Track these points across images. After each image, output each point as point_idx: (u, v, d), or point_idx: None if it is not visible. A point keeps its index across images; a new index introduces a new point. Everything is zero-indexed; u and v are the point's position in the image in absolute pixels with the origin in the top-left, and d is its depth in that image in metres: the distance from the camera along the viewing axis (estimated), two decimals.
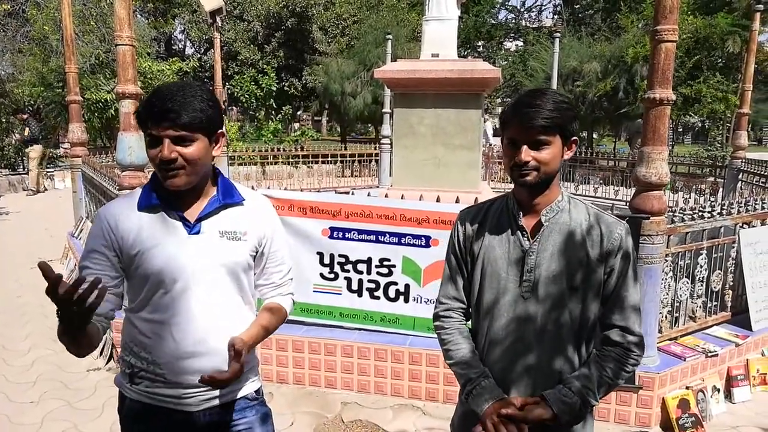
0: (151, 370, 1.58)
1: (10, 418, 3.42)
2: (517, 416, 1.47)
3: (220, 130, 1.58)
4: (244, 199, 1.66)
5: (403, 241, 3.69)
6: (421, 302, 3.72)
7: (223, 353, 1.54)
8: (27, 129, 12.57)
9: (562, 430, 1.54)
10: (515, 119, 1.49)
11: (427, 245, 3.66)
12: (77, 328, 1.39)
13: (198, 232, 1.57)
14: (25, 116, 13.04)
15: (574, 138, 1.55)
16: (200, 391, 1.59)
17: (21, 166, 13.86)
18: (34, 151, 12.41)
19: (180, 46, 32.66)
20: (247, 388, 1.71)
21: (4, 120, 14.46)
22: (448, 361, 1.67)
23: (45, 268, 1.27)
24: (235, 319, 1.63)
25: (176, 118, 1.45)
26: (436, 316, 1.73)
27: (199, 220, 1.57)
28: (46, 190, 13.05)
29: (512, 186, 1.63)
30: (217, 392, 1.61)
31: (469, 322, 1.72)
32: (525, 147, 1.47)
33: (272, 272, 1.74)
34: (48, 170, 14.30)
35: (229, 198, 1.63)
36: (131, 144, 3.91)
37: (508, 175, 1.59)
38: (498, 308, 1.58)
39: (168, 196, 1.57)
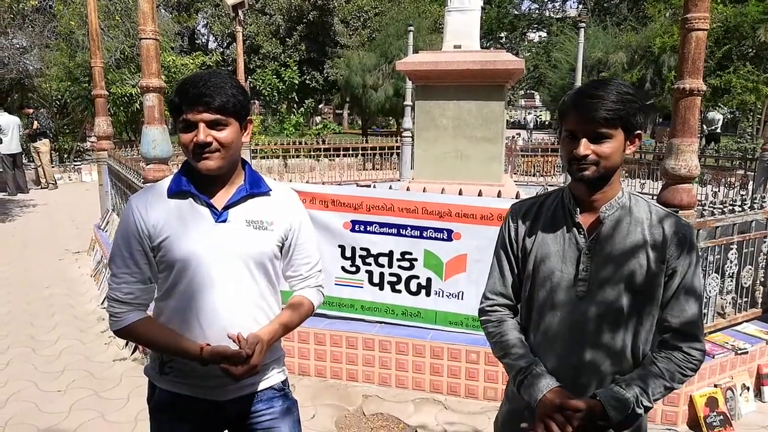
0: (180, 360, 1.59)
1: (38, 407, 3.49)
2: (569, 406, 1.42)
3: (249, 117, 1.61)
4: (271, 190, 1.67)
5: (424, 235, 3.67)
6: (442, 296, 3.70)
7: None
8: (36, 122, 12.41)
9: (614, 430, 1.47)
10: (575, 110, 1.42)
11: (449, 239, 3.63)
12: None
13: (225, 220, 1.58)
14: (30, 111, 12.91)
15: (638, 132, 1.47)
16: (228, 381, 1.58)
17: (28, 159, 13.44)
18: (45, 145, 12.31)
19: (203, 40, 32.96)
20: (274, 379, 1.73)
21: (47, 110, 14.72)
22: (496, 354, 1.63)
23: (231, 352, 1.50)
24: (261, 308, 1.64)
25: (211, 102, 1.48)
26: (482, 311, 1.68)
27: (227, 208, 1.58)
28: (57, 185, 12.86)
29: (537, 179, 1.58)
30: (244, 382, 1.62)
31: (518, 317, 1.67)
32: (584, 140, 1.40)
33: (300, 264, 1.74)
34: (75, 163, 14.57)
35: (257, 188, 1.64)
36: (155, 137, 3.95)
37: (566, 168, 1.53)
38: (551, 307, 1.52)
39: (197, 183, 1.58)
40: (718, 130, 16.35)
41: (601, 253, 1.47)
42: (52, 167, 13.10)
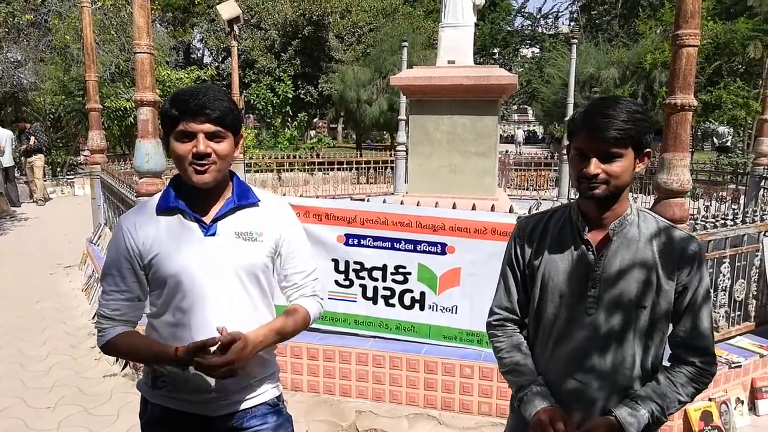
0: (173, 374, 1.58)
1: (26, 424, 3.44)
2: (560, 426, 1.42)
3: (240, 132, 1.62)
4: (259, 200, 1.66)
5: (418, 248, 3.66)
6: (436, 310, 3.69)
7: None
8: (33, 138, 12.28)
9: None
10: (585, 129, 1.41)
11: (443, 252, 3.62)
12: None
13: (214, 234, 1.58)
14: (27, 125, 12.79)
15: (648, 150, 1.47)
16: (221, 396, 1.59)
17: (20, 173, 13.42)
18: (39, 160, 12.27)
19: (198, 55, 33.06)
20: (268, 395, 1.71)
21: (41, 125, 14.68)
22: (501, 369, 1.64)
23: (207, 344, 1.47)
24: (256, 321, 1.62)
25: (212, 113, 1.49)
26: (489, 325, 1.69)
27: (215, 221, 1.58)
28: (50, 199, 12.83)
29: (530, 193, 1.59)
30: (238, 397, 1.62)
31: (524, 332, 1.68)
32: (594, 159, 1.40)
33: (293, 273, 1.72)
34: (68, 177, 14.51)
35: (245, 199, 1.63)
36: (149, 151, 3.94)
37: (574, 186, 1.52)
38: (560, 323, 1.52)
39: (187, 197, 1.59)
40: (728, 144, 16.67)
41: (610, 270, 1.47)
42: (44, 181, 12.98)
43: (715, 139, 16.30)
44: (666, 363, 1.57)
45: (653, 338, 1.49)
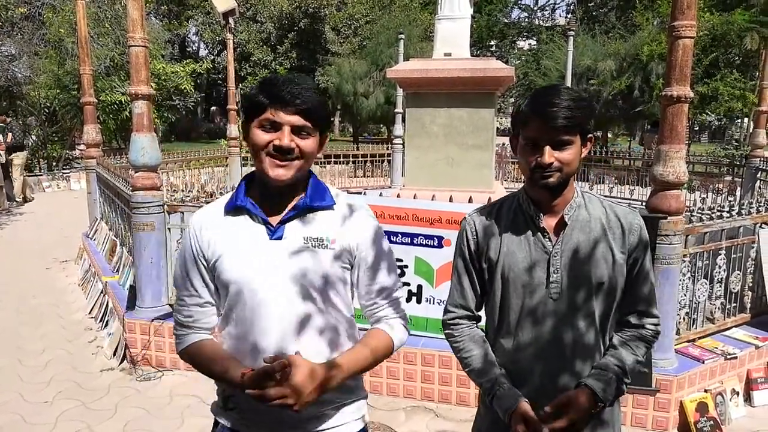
0: (242, 395, 1.34)
1: (24, 419, 3.44)
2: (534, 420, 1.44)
3: (325, 133, 1.47)
4: (334, 203, 1.48)
5: (415, 242, 3.66)
6: (433, 303, 3.69)
7: None
8: (10, 135, 11.57)
9: (596, 417, 1.53)
10: (537, 118, 1.43)
11: (440, 245, 3.63)
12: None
13: (280, 237, 1.41)
14: (8, 119, 12.24)
15: (590, 135, 1.51)
16: (289, 424, 1.41)
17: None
18: (18, 158, 11.64)
19: (194, 48, 32.93)
20: (348, 428, 1.50)
21: (20, 122, 14.64)
22: (465, 369, 1.65)
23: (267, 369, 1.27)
24: (327, 340, 1.44)
25: (303, 105, 1.34)
26: (445, 324, 1.69)
27: (282, 223, 1.42)
28: (32, 198, 12.10)
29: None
30: (311, 427, 1.44)
31: (482, 323, 1.68)
32: (548, 148, 1.42)
33: (372, 289, 1.50)
34: (64, 171, 14.46)
35: (318, 200, 1.45)
36: (144, 145, 3.93)
37: (524, 175, 1.53)
38: (526, 312, 1.54)
39: (257, 196, 1.44)
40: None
41: (568, 254, 1.51)
42: (28, 178, 12.35)
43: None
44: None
45: (611, 313, 1.55)
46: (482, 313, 1.69)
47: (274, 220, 1.42)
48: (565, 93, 1.43)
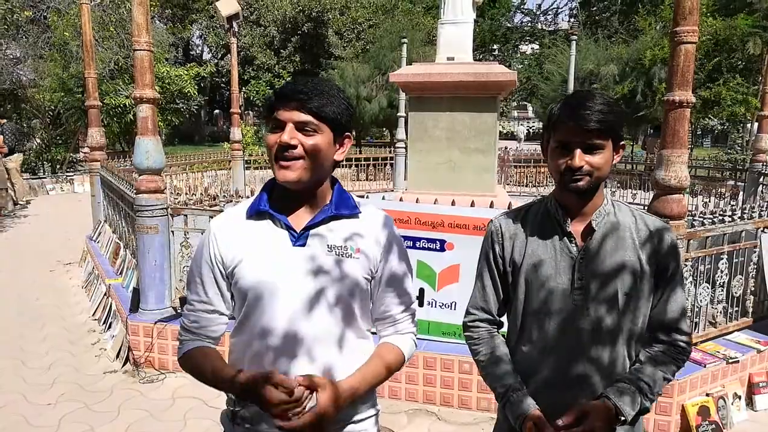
0: (252, 409, 1.36)
1: (27, 420, 3.46)
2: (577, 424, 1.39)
3: (347, 133, 1.42)
4: (360, 212, 1.45)
5: (417, 245, 3.67)
6: (435, 306, 3.70)
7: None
8: (0, 137, 10.98)
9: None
10: (569, 121, 1.42)
11: (442, 249, 3.64)
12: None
13: (303, 245, 1.37)
14: (4, 121, 11.97)
15: (623, 142, 1.50)
16: None
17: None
18: (11, 162, 11.27)
19: (197, 51, 33.03)
20: None
21: (25, 125, 14.71)
22: (481, 372, 1.64)
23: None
24: (345, 353, 1.40)
25: (306, 100, 1.31)
26: (465, 326, 1.68)
27: (306, 229, 1.38)
28: (29, 202, 11.86)
29: (529, 189, 1.60)
30: None
31: (504, 329, 1.67)
32: (578, 151, 1.41)
33: (390, 303, 1.48)
34: (68, 174, 14.52)
35: (344, 209, 1.42)
36: (149, 148, 3.95)
37: (554, 179, 1.52)
38: (547, 317, 1.52)
39: (280, 202, 1.41)
40: None
41: (595, 260, 1.48)
42: (24, 182, 11.91)
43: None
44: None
45: (638, 322, 1.51)
46: (504, 319, 1.67)
47: (298, 226, 1.39)
48: (598, 97, 1.43)
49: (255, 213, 1.41)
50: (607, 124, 1.39)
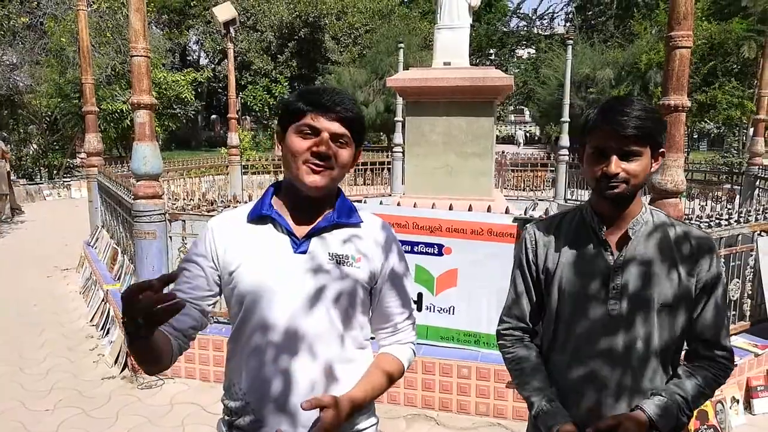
0: (248, 418, 1.36)
1: (25, 426, 3.44)
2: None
3: (361, 147, 1.45)
4: (362, 221, 1.45)
5: (415, 250, 3.68)
6: (434, 311, 3.70)
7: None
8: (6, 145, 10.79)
9: None
10: (605, 126, 1.38)
11: (440, 253, 3.64)
12: (142, 337, 1.18)
13: (305, 252, 1.37)
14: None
15: (662, 150, 1.45)
16: None
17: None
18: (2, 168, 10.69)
19: (194, 57, 33.08)
20: None
21: (21, 131, 14.70)
22: (513, 381, 1.61)
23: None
24: (345, 363, 1.40)
25: (344, 113, 1.33)
26: (499, 334, 1.66)
27: (308, 236, 1.38)
28: (21, 210, 11.43)
29: (526, 194, 1.59)
30: None
31: (537, 339, 1.64)
32: (615, 158, 1.37)
33: (390, 313, 1.49)
34: (65, 180, 14.50)
35: (345, 217, 1.42)
36: (146, 154, 3.95)
37: (590, 186, 1.49)
38: (582, 326, 1.49)
39: (284, 207, 1.40)
40: None
41: (631, 269, 1.45)
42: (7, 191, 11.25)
43: None
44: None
45: (675, 335, 1.47)
46: (539, 328, 1.64)
47: (300, 233, 1.38)
48: (636, 103, 1.38)
49: (257, 217, 1.40)
50: (644, 130, 1.35)
